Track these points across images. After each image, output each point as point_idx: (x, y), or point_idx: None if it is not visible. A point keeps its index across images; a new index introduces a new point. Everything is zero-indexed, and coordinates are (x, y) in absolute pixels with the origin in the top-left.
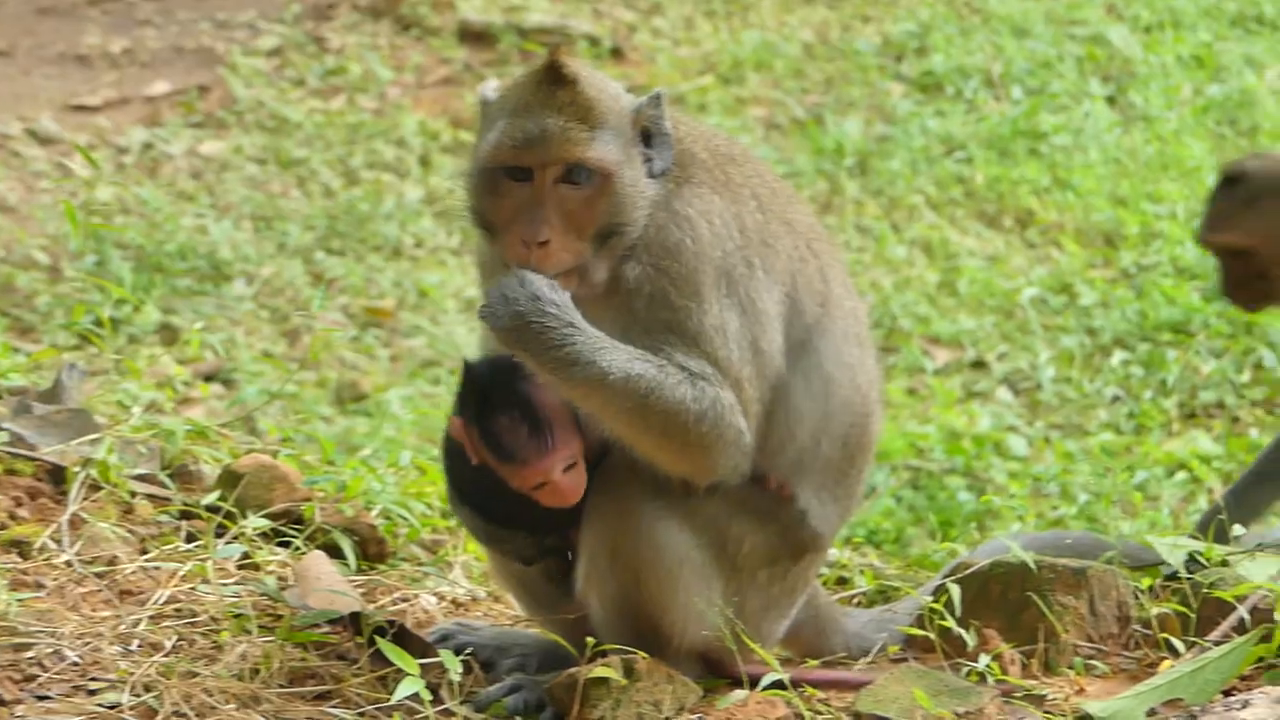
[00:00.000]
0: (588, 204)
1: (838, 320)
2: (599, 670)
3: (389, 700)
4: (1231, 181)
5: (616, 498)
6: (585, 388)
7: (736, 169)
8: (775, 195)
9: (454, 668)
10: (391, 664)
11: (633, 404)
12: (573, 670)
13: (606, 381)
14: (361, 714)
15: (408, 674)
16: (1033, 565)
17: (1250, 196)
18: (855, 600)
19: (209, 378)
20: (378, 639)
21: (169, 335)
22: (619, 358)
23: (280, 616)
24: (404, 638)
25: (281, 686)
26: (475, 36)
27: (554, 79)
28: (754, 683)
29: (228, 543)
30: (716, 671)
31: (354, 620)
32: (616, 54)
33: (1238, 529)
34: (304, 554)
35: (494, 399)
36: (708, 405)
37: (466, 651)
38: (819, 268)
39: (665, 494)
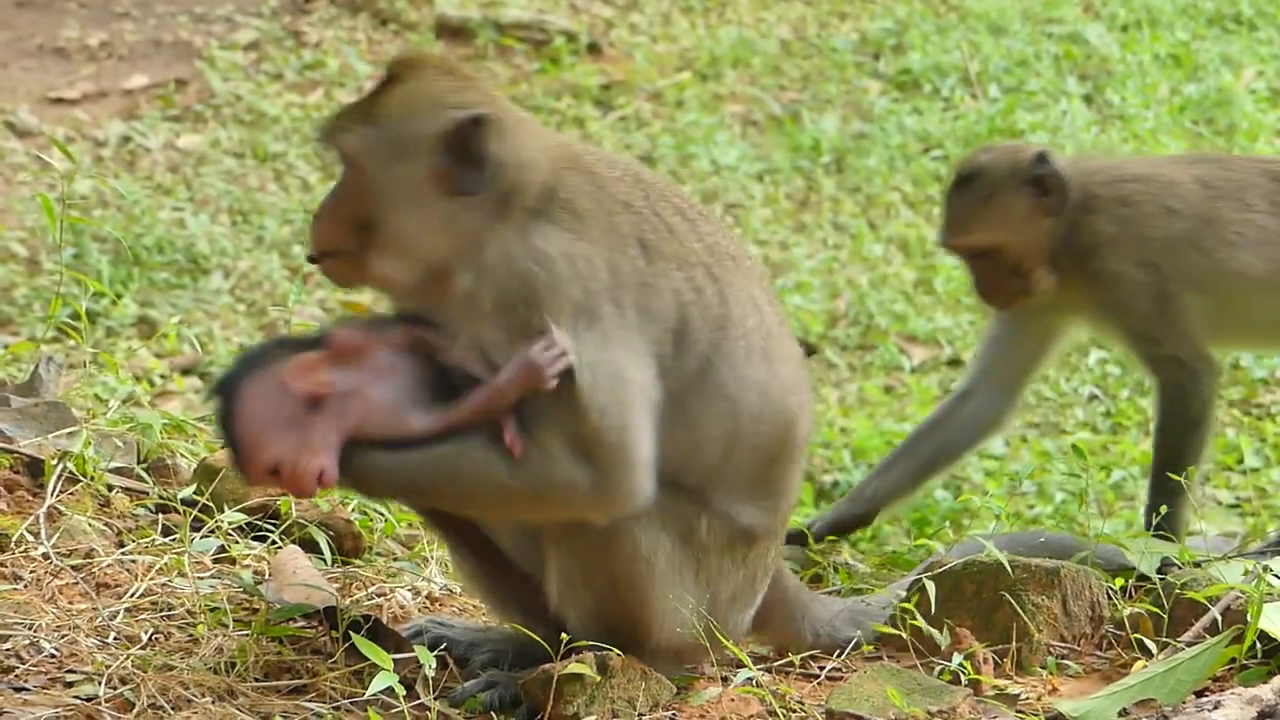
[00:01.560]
0: (352, 191)
1: (738, 341)
2: (573, 666)
3: (364, 695)
4: (966, 180)
5: None
6: (402, 497)
7: (628, 216)
8: (671, 233)
9: (428, 663)
10: (367, 659)
11: (446, 492)
12: (547, 666)
13: (405, 487)
14: (337, 708)
15: (382, 669)
16: (1006, 564)
17: (988, 192)
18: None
19: (186, 371)
20: (352, 634)
21: (147, 328)
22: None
23: (256, 610)
24: (379, 633)
25: (257, 680)
26: (453, 31)
27: (387, 75)
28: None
29: (204, 537)
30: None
31: (329, 615)
32: (594, 50)
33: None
34: (280, 549)
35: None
36: (512, 469)
37: (441, 647)
38: (717, 291)
39: None
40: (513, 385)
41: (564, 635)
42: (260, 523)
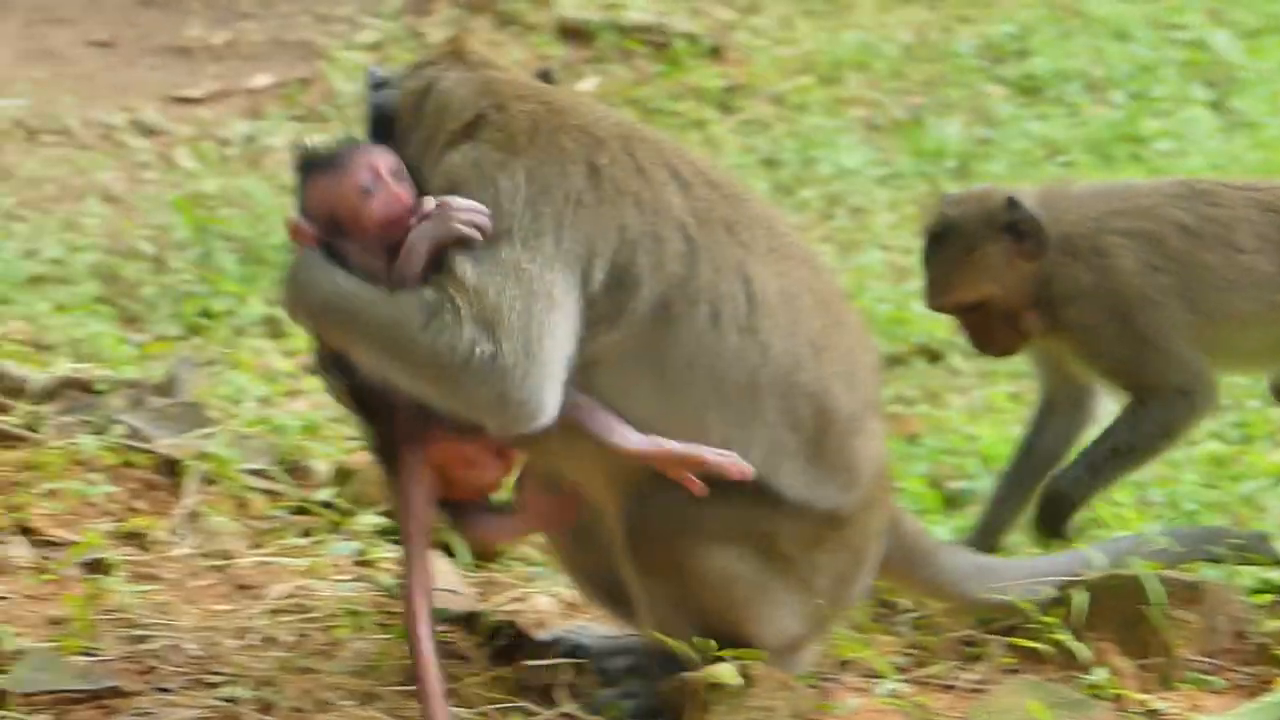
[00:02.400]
0: None
1: (699, 305)
2: (714, 675)
3: (506, 700)
4: (940, 237)
5: (643, 553)
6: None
7: (583, 139)
8: (641, 175)
9: (571, 672)
10: (507, 664)
11: (361, 329)
12: (687, 674)
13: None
14: (479, 714)
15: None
16: (1151, 578)
17: (965, 246)
18: None
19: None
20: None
21: (273, 327)
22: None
23: (395, 614)
24: (518, 639)
25: (398, 684)
26: (573, 33)
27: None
28: None
29: (342, 539)
30: None
31: (470, 620)
32: (715, 52)
33: None
34: None
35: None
36: (424, 324)
37: (579, 654)
38: (687, 253)
39: (683, 527)
40: (424, 236)
41: (710, 643)
42: (398, 526)
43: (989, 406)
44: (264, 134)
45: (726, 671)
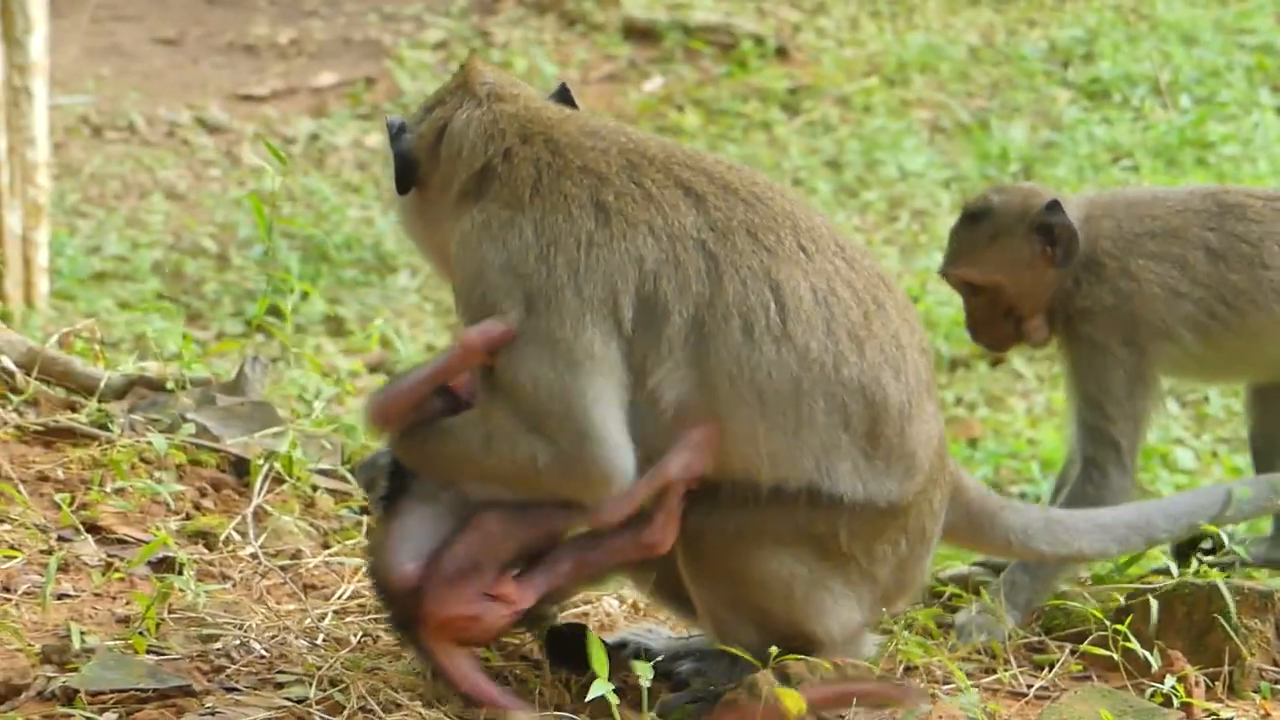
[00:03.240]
0: None
1: (731, 321)
2: (783, 680)
3: (575, 702)
4: (974, 217)
5: (699, 561)
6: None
7: (584, 180)
8: (649, 202)
9: (646, 674)
10: (574, 667)
11: (442, 467)
12: (753, 677)
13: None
14: (546, 717)
15: (598, 677)
16: (1224, 591)
17: (994, 232)
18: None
19: (374, 369)
20: (587, 639)
21: (334, 325)
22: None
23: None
24: (586, 642)
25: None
26: (640, 33)
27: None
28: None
29: None
30: None
31: (537, 622)
32: (781, 54)
33: None
34: None
35: None
36: (483, 446)
37: (647, 657)
38: (710, 269)
39: (740, 534)
40: (452, 363)
41: (773, 650)
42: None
43: (1050, 411)
44: (328, 132)
45: (790, 697)
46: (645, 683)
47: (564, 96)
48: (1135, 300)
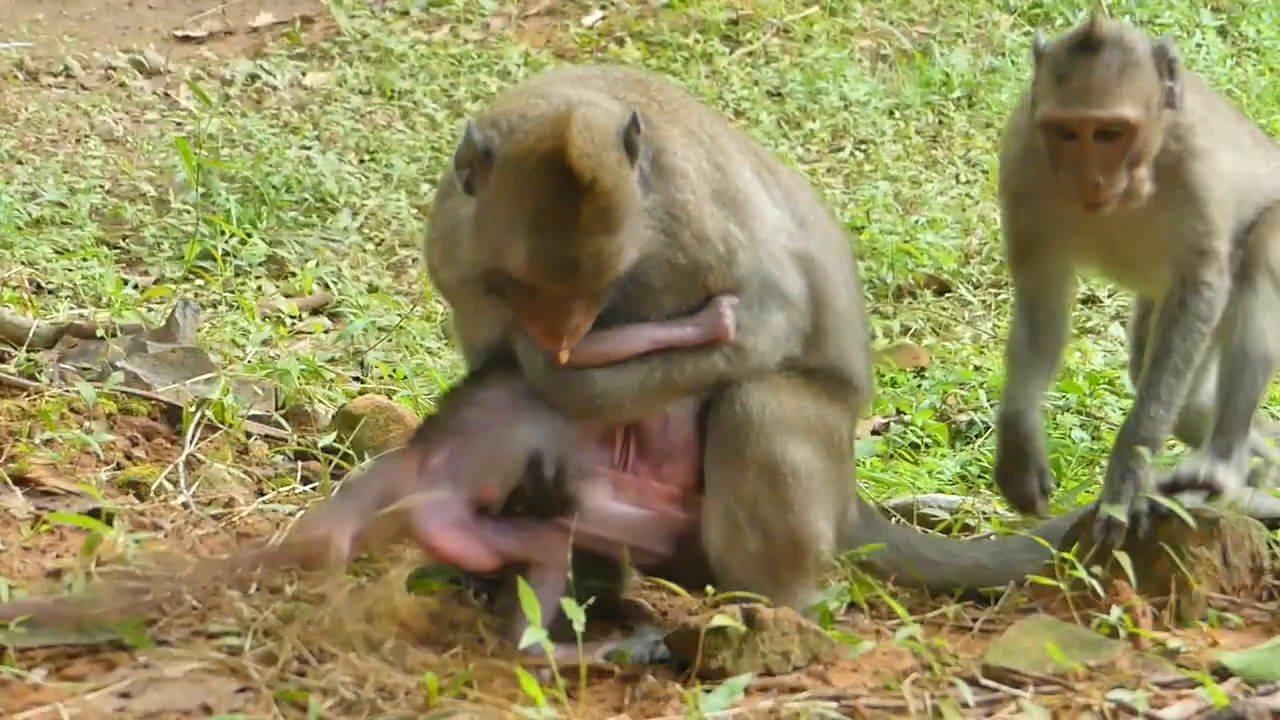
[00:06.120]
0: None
1: (788, 180)
2: (716, 620)
3: (510, 648)
4: (1102, 45)
5: (735, 443)
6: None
7: (691, 113)
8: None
9: (578, 618)
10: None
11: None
12: (691, 620)
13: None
14: (483, 661)
15: (530, 623)
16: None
17: (1131, 61)
18: None
19: (316, 311)
20: (516, 583)
21: (275, 268)
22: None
23: (399, 560)
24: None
25: (402, 633)
26: None
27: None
28: None
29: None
30: None
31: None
32: None
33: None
34: None
35: None
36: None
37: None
38: (745, 142)
39: (770, 428)
40: (697, 337)
41: (709, 590)
42: None
43: (998, 339)
44: (266, 73)
45: (730, 616)
46: (579, 626)
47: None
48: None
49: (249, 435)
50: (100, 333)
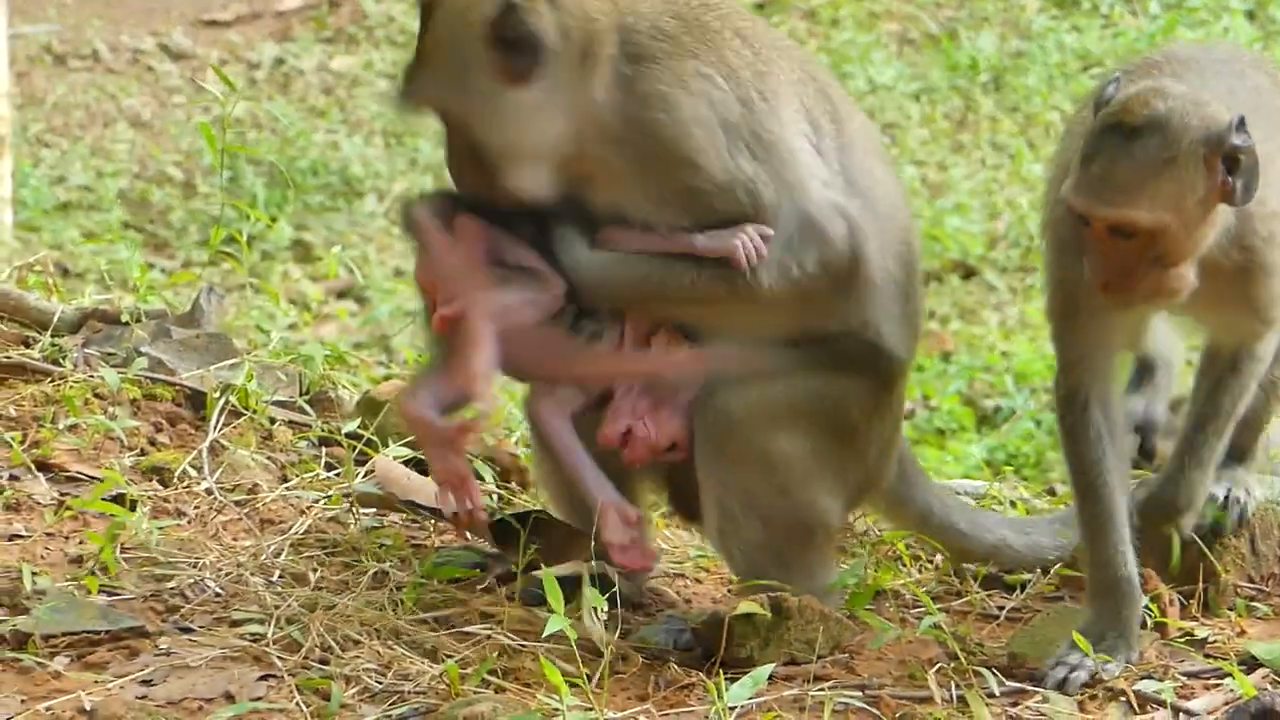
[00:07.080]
0: (457, 138)
1: (855, 137)
2: (743, 607)
3: (534, 636)
4: (1142, 132)
5: (718, 441)
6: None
7: (710, 13)
8: (755, 26)
9: (600, 605)
10: (534, 602)
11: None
12: (718, 608)
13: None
14: (507, 649)
15: (553, 612)
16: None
17: (1169, 155)
18: None
19: (341, 294)
20: (544, 574)
21: (301, 251)
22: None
23: (422, 547)
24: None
25: (426, 620)
26: None
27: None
28: None
29: (368, 472)
30: None
31: (498, 557)
32: None
33: None
34: (374, 459)
35: None
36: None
37: (612, 589)
38: (818, 89)
39: (752, 423)
40: (704, 250)
41: (734, 578)
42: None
43: (1024, 323)
44: (293, 56)
45: (758, 603)
46: (602, 614)
47: None
48: None
49: (273, 421)
50: (125, 318)
